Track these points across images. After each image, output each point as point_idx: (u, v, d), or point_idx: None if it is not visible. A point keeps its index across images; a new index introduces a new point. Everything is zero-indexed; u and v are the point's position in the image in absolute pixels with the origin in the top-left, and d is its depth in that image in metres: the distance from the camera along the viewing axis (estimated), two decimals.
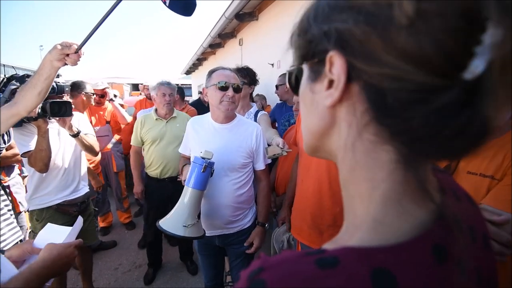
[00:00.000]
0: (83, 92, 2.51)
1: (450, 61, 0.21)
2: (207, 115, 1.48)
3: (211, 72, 1.41)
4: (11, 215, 1.34)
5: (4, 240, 1.27)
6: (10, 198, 1.55)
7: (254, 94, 3.24)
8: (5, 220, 1.30)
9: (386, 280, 0.23)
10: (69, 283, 2.33)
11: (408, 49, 0.22)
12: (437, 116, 0.23)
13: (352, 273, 0.24)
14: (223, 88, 1.34)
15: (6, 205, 1.33)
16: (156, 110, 2.30)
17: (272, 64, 3.83)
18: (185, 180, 1.31)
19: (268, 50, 3.91)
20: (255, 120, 2.04)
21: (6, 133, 1.34)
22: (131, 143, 2.33)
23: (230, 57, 6.03)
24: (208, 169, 1.22)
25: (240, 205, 1.44)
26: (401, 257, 0.25)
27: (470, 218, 0.34)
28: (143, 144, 2.28)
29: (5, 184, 1.76)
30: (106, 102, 3.42)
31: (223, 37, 5.78)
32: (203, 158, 1.22)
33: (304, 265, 0.25)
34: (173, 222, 1.18)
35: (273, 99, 3.69)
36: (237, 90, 1.36)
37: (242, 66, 2.13)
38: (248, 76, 2.08)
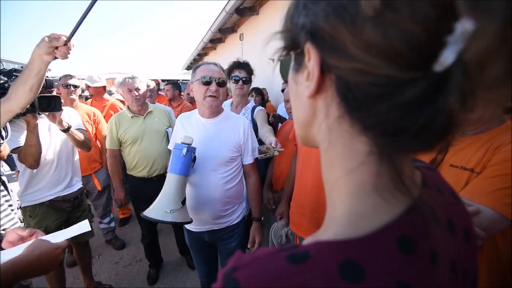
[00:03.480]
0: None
1: (419, 52, 0.20)
2: (195, 111, 1.49)
3: (195, 68, 1.42)
4: (12, 210, 1.34)
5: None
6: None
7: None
8: (6, 215, 1.30)
9: (353, 271, 0.24)
10: (70, 277, 2.36)
11: (375, 41, 0.21)
12: (402, 111, 0.22)
13: (321, 266, 0.24)
14: (207, 83, 1.34)
15: (6, 200, 1.33)
16: (128, 107, 2.12)
17: (273, 60, 3.82)
18: None
19: (269, 45, 3.88)
20: (252, 116, 2.03)
21: (4, 128, 1.33)
22: (106, 147, 2.11)
23: (231, 52, 6.01)
24: (188, 154, 1.21)
25: (229, 200, 1.44)
26: (368, 248, 0.25)
27: (451, 212, 0.34)
28: (121, 146, 2.10)
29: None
30: (107, 96, 3.31)
31: (223, 32, 5.75)
32: (183, 143, 1.22)
33: (275, 261, 0.25)
34: (156, 209, 1.17)
35: (274, 95, 3.69)
36: (221, 84, 1.37)
37: (243, 61, 2.10)
38: (250, 72, 2.05)
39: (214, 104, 1.37)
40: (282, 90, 3.14)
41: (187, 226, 1.56)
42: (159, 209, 1.15)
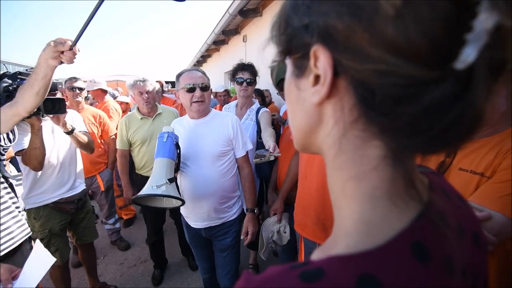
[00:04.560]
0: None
1: (440, 51, 0.20)
2: (187, 115, 1.57)
3: (178, 76, 1.49)
4: (19, 212, 1.36)
5: (12, 238, 1.29)
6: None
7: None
8: (13, 217, 1.31)
9: (371, 285, 0.23)
10: (76, 277, 2.38)
11: (396, 41, 0.21)
12: (429, 111, 0.22)
13: (338, 283, 0.23)
14: (191, 90, 1.42)
15: (13, 203, 1.34)
16: (138, 109, 2.20)
17: (276, 61, 3.82)
18: None
19: (273, 46, 3.89)
20: (257, 117, 2.04)
21: (11, 131, 1.34)
22: (116, 147, 2.21)
23: (234, 54, 6.02)
24: (169, 139, 1.31)
25: (225, 193, 1.51)
26: (384, 260, 0.24)
27: (460, 216, 0.33)
28: (130, 146, 2.18)
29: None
30: (108, 97, 3.33)
31: (227, 33, 5.77)
32: (164, 132, 1.33)
33: (288, 281, 0.24)
34: (143, 190, 1.20)
35: (277, 96, 3.68)
36: (204, 89, 1.44)
37: (247, 62, 2.10)
38: (255, 73, 2.06)
39: (201, 108, 1.45)
40: (278, 93, 3.15)
41: (188, 221, 1.59)
42: (146, 188, 1.19)
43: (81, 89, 2.47)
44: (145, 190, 1.18)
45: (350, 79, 0.25)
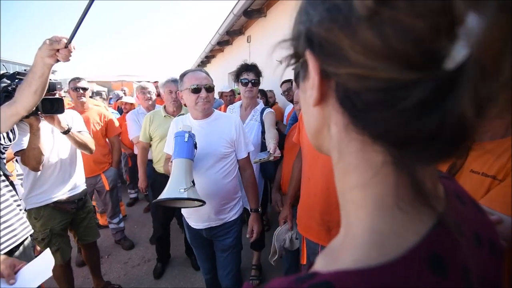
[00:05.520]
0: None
1: (422, 49, 0.18)
2: (189, 115, 1.56)
3: (182, 76, 1.49)
4: (20, 210, 1.36)
5: (15, 235, 1.29)
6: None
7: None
8: (15, 215, 1.32)
9: None
10: (80, 276, 2.39)
11: (371, 42, 0.19)
12: (406, 118, 0.20)
13: None
14: (196, 90, 1.41)
15: (15, 200, 1.34)
16: (165, 107, 2.30)
17: (281, 62, 3.82)
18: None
19: (276, 49, 3.89)
20: (261, 117, 2.03)
21: (11, 130, 1.35)
22: (139, 139, 2.31)
23: (238, 54, 6.03)
24: (190, 139, 1.28)
25: (227, 194, 1.52)
26: (398, 275, 0.22)
27: (475, 223, 0.32)
28: (151, 140, 2.27)
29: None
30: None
31: (231, 34, 5.78)
32: (183, 131, 1.29)
33: None
34: (169, 191, 1.18)
35: (281, 97, 3.68)
36: (209, 90, 1.44)
37: (251, 63, 2.10)
38: (259, 74, 2.05)
39: (206, 107, 1.45)
40: (283, 93, 3.16)
41: (188, 222, 1.59)
42: (173, 189, 1.17)
43: (84, 89, 2.48)
44: (171, 194, 1.15)
45: (334, 84, 0.25)
